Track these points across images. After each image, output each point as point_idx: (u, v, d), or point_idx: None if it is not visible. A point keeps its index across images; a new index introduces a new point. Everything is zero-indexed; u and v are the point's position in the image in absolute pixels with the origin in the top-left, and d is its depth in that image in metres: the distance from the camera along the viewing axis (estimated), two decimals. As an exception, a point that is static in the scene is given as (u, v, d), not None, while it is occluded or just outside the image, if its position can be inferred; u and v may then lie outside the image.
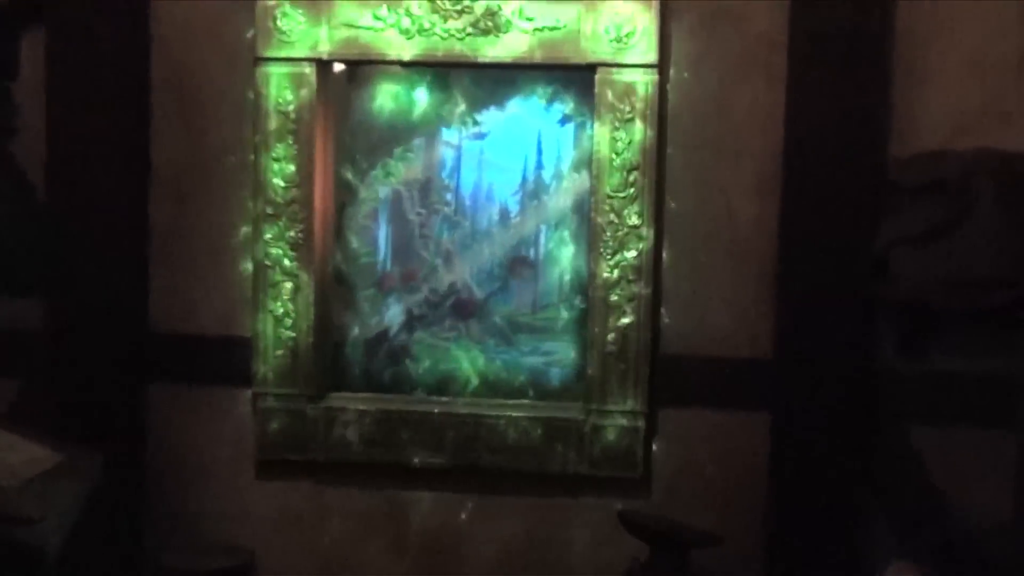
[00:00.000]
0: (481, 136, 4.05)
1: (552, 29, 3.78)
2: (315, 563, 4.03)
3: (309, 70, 3.89)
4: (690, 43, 3.78)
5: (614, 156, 3.80)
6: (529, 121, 4.03)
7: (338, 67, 4.02)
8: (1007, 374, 3.51)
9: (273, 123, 3.90)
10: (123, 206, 3.96)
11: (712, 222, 3.81)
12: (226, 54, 3.95)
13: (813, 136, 3.67)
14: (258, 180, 3.94)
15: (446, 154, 4.08)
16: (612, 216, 3.82)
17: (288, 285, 3.95)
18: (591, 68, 3.79)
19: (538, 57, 3.81)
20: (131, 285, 3.99)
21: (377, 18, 3.83)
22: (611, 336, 3.84)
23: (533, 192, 4.04)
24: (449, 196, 4.09)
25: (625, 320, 3.84)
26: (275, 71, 3.89)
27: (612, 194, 3.81)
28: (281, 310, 3.96)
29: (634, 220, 3.80)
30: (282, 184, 3.92)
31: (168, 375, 4.04)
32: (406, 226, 4.11)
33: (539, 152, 4.04)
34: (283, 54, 3.89)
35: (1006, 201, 3.54)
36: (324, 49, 3.88)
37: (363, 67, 4.04)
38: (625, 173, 3.79)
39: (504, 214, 4.07)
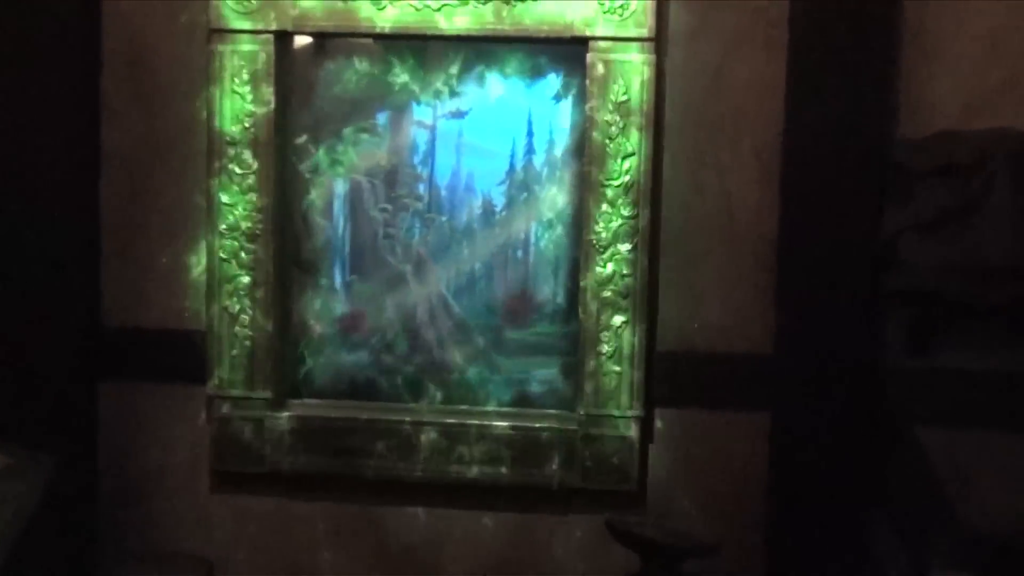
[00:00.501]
0: (461, 115, 3.84)
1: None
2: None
3: (268, 44, 3.70)
4: (685, 16, 3.64)
5: (607, 141, 3.63)
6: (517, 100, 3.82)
7: (301, 40, 3.83)
8: (1021, 371, 3.43)
9: (228, 105, 3.72)
10: (72, 192, 3.80)
11: (708, 207, 3.68)
12: (185, 27, 3.78)
13: (816, 116, 3.52)
14: (212, 167, 3.76)
15: (418, 136, 3.87)
16: (605, 206, 3.65)
17: (245, 280, 3.78)
18: (581, 42, 3.63)
19: (526, 27, 3.64)
20: (82, 276, 3.83)
21: None
22: (604, 335, 3.68)
23: (523, 183, 3.83)
24: (421, 187, 3.88)
25: (619, 319, 3.67)
26: (230, 47, 3.70)
27: (606, 182, 3.64)
28: (237, 307, 3.79)
29: (629, 211, 3.64)
30: (238, 171, 3.75)
31: (122, 372, 3.89)
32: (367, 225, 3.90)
33: (529, 135, 3.83)
34: (240, 26, 3.70)
35: (1022, 186, 3.43)
36: (286, 20, 3.69)
37: (330, 42, 3.83)
38: (620, 160, 3.63)
39: (488, 209, 3.85)
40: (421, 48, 3.81)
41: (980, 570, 3.17)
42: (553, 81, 3.79)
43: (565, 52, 3.73)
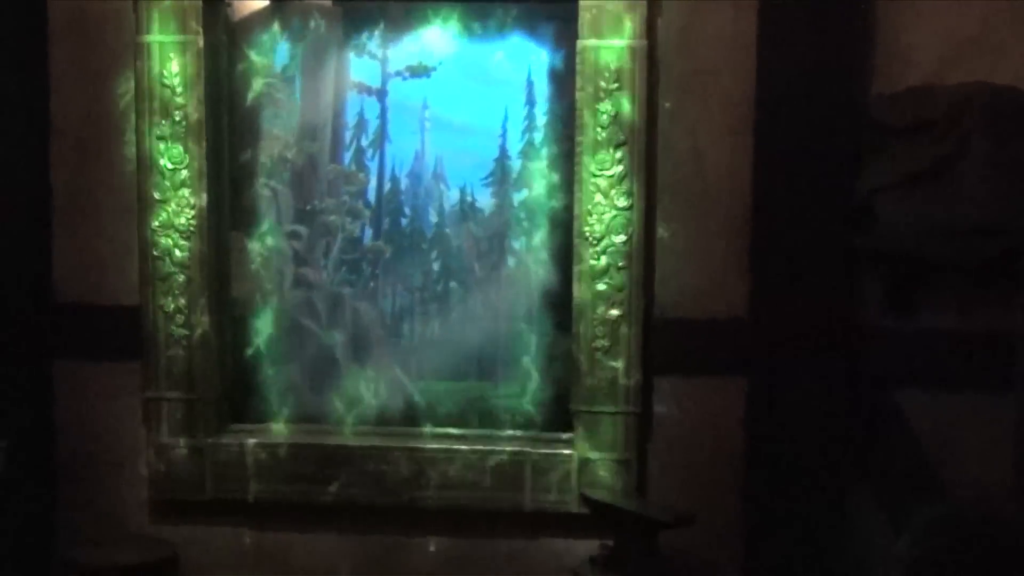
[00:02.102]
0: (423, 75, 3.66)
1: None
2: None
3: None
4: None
5: (599, 130, 3.50)
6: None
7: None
8: (1002, 330, 3.31)
9: (156, 85, 3.58)
10: (21, 164, 3.71)
11: (679, 169, 3.56)
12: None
13: (788, 71, 3.44)
14: (142, 157, 3.63)
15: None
16: (599, 197, 3.52)
17: (180, 279, 3.64)
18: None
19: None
20: (32, 250, 3.72)
21: None
22: (599, 330, 3.55)
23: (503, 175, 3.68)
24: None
25: (614, 312, 3.54)
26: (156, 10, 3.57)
27: (598, 172, 3.51)
28: (172, 306, 3.65)
29: (623, 201, 3.51)
30: (169, 166, 3.61)
31: (75, 350, 3.76)
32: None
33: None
34: None
35: (999, 140, 3.34)
36: None
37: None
38: (612, 150, 3.50)
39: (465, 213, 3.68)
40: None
41: (961, 535, 3.06)
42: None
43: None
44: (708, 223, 3.55)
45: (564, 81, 3.61)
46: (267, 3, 3.71)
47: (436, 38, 3.63)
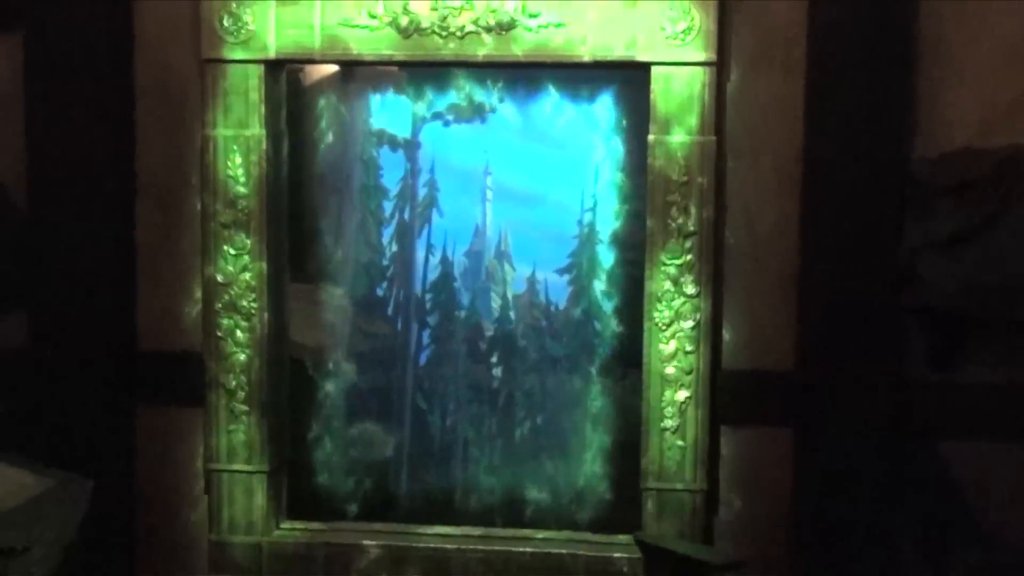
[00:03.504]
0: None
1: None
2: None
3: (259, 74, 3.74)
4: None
5: (668, 222, 3.63)
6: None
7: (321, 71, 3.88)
8: None
9: (221, 176, 3.77)
10: (108, 219, 3.86)
11: (732, 230, 3.69)
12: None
13: (834, 134, 3.56)
14: (207, 245, 3.81)
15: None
16: (668, 284, 3.66)
17: (241, 358, 3.81)
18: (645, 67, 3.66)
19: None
20: (118, 302, 3.89)
21: (372, 16, 3.68)
22: (668, 410, 3.69)
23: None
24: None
25: (683, 394, 3.68)
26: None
27: (668, 261, 3.65)
28: (233, 382, 3.82)
29: (691, 289, 3.65)
30: (232, 251, 3.79)
31: (157, 395, 3.94)
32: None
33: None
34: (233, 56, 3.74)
35: None
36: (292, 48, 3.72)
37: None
38: (682, 240, 3.64)
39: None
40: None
41: None
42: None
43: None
44: (759, 279, 3.66)
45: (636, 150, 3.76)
46: (333, 73, 3.90)
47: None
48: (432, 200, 3.91)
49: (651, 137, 3.63)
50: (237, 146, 3.75)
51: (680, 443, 3.69)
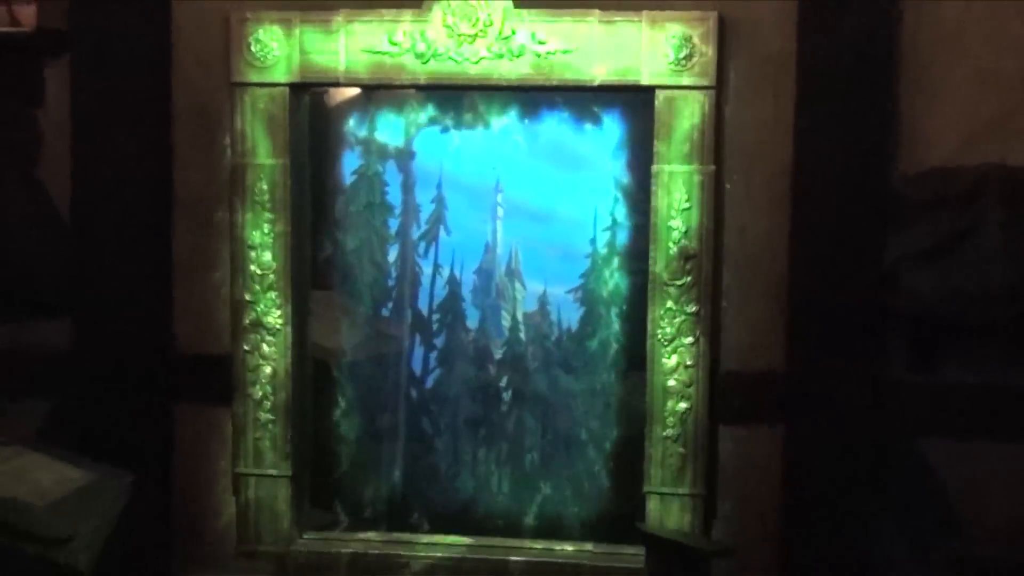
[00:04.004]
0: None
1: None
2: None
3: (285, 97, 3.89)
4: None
5: (671, 245, 3.79)
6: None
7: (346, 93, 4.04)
8: (1017, 385, 3.60)
9: (249, 200, 3.93)
10: (147, 231, 4.01)
11: (726, 240, 3.83)
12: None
13: (821, 153, 3.70)
14: (235, 264, 3.96)
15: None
16: (670, 303, 3.81)
17: (267, 370, 3.97)
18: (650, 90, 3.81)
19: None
20: (155, 308, 4.03)
21: (393, 43, 3.84)
22: (670, 420, 3.83)
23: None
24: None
25: (684, 405, 3.83)
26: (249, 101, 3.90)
27: (670, 282, 3.80)
28: (260, 393, 3.98)
29: (692, 308, 3.80)
30: (259, 271, 3.95)
31: (192, 395, 4.08)
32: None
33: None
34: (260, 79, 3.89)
35: (1013, 216, 3.58)
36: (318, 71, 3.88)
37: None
38: (682, 261, 3.78)
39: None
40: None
41: (978, 570, 3.41)
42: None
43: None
44: (751, 286, 3.81)
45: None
46: (353, 95, 4.07)
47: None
48: (440, 217, 4.07)
49: (654, 167, 3.76)
50: (264, 174, 3.91)
51: (681, 450, 3.83)
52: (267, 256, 3.93)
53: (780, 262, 3.77)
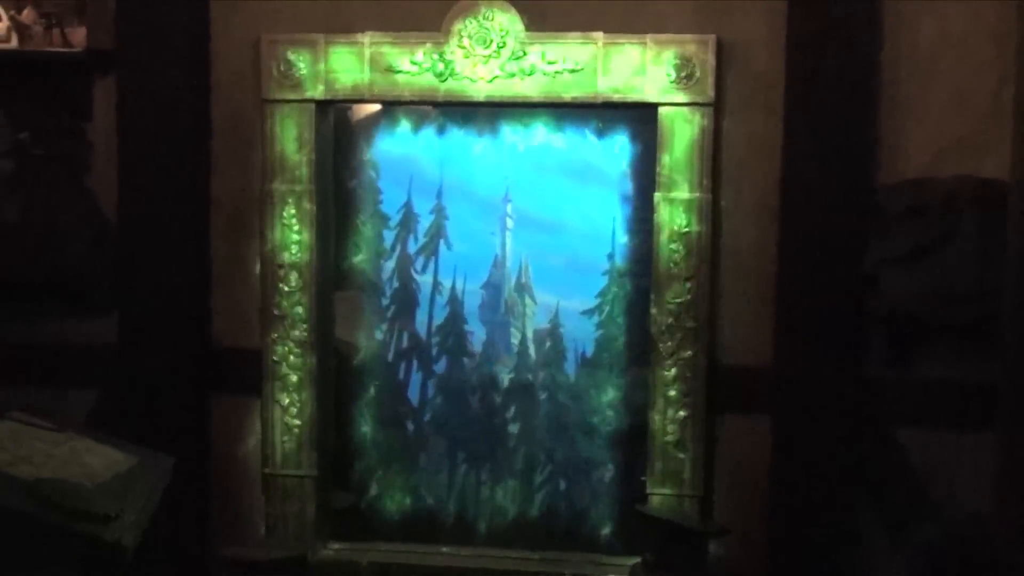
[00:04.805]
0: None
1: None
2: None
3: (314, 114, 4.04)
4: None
5: (671, 267, 3.92)
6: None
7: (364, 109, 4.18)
8: (986, 380, 3.72)
9: (278, 228, 4.09)
10: (187, 234, 4.17)
11: (721, 245, 3.98)
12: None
13: (808, 165, 3.84)
14: (266, 284, 4.10)
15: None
16: (671, 320, 3.95)
17: (294, 378, 4.13)
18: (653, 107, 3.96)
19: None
20: (195, 305, 4.19)
21: (413, 63, 4.03)
22: (671, 427, 3.98)
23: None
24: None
25: (684, 413, 3.98)
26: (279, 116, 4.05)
27: (670, 300, 3.94)
28: (287, 400, 4.13)
29: (691, 323, 3.95)
30: (286, 289, 4.10)
31: (229, 386, 4.25)
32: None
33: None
34: (290, 96, 4.04)
35: (984, 224, 3.74)
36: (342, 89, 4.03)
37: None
38: (683, 282, 3.93)
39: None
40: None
41: (954, 550, 3.42)
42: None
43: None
44: (741, 288, 3.97)
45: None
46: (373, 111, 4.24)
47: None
48: (441, 229, 4.23)
49: (657, 195, 3.92)
50: (292, 182, 4.06)
51: (681, 455, 3.99)
52: (294, 275, 4.10)
53: (770, 267, 3.91)
